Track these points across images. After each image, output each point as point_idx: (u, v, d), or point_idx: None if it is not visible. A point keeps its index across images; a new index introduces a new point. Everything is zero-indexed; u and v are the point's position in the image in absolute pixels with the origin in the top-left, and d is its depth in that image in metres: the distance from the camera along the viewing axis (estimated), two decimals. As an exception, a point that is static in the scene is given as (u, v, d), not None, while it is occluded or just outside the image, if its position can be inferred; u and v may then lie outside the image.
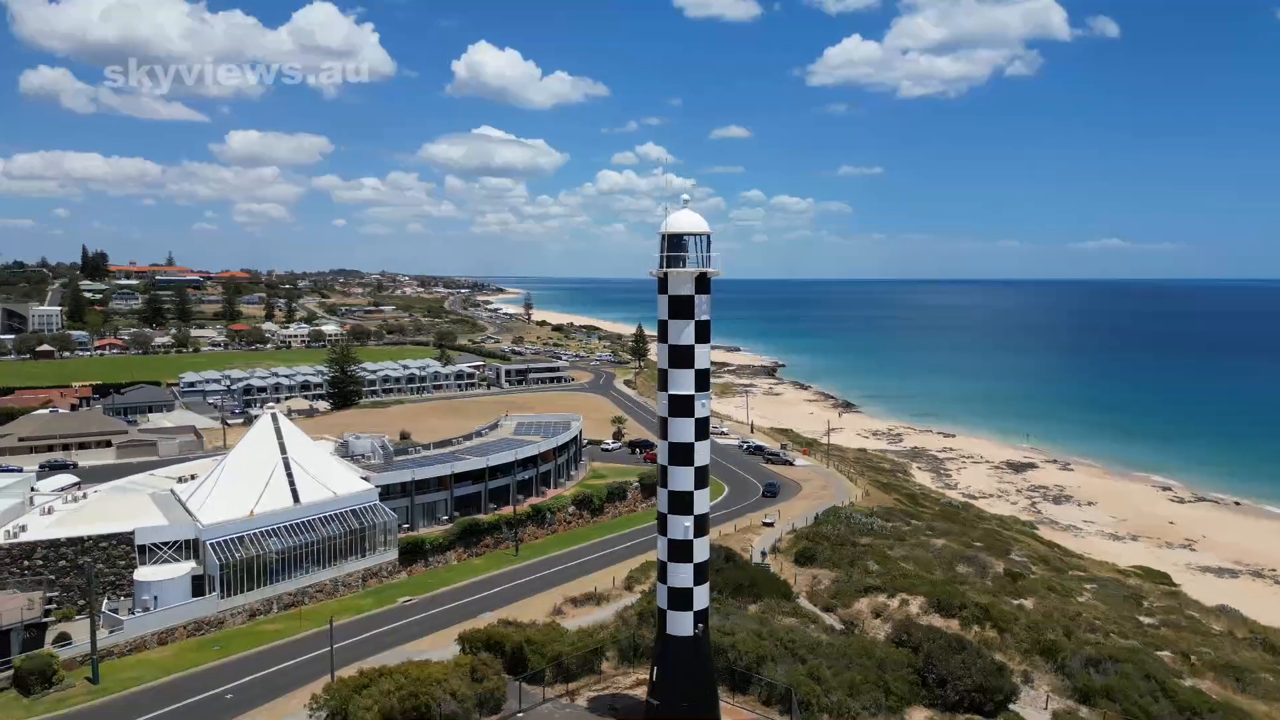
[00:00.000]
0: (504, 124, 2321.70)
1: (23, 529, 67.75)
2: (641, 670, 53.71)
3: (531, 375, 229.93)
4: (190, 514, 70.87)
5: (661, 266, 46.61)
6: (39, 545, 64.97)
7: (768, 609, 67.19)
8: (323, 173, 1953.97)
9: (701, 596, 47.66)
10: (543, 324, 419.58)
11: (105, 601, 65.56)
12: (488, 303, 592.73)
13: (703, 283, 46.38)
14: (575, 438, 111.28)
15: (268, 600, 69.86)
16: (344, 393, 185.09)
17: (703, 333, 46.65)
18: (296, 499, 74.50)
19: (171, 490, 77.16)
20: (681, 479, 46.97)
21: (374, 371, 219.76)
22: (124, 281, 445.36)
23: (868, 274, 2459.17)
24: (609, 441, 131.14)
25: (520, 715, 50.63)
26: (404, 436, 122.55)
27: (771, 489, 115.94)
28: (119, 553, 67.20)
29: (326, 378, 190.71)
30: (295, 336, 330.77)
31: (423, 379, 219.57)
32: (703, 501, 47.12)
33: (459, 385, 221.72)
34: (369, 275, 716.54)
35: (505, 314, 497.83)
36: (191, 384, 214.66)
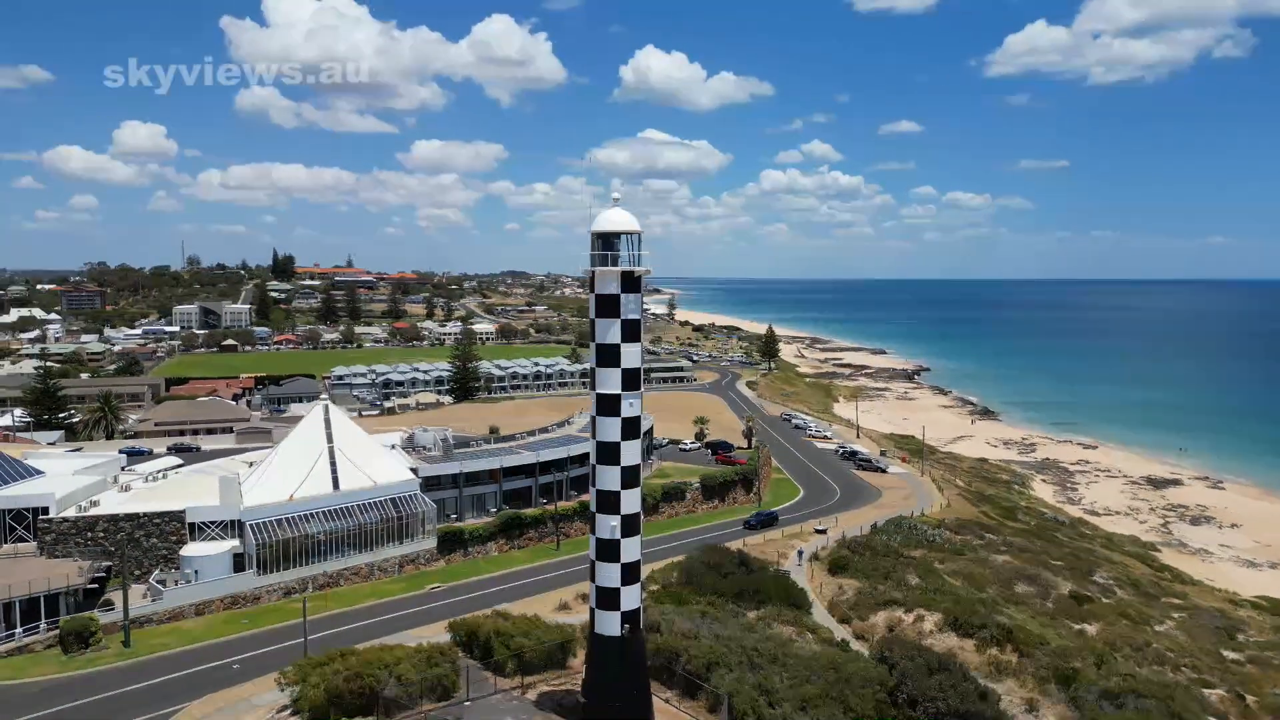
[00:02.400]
0: (669, 127, 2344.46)
1: (95, 504, 75.45)
2: None
3: (654, 374, 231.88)
4: (240, 496, 76.54)
5: (591, 265, 46.94)
6: (100, 519, 72.22)
7: (768, 616, 65.71)
8: (497, 178, 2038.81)
9: (630, 597, 47.63)
10: (685, 324, 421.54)
11: (156, 573, 71.87)
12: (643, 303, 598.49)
13: (630, 281, 46.42)
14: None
15: (303, 580, 74.56)
16: (464, 387, 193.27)
17: (630, 331, 46.68)
18: (336, 486, 79.08)
19: (237, 473, 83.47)
20: (608, 478, 47.22)
21: (505, 369, 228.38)
22: (307, 282, 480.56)
23: (1051, 274, 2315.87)
24: (687, 442, 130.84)
25: (468, 703, 52.17)
26: (492, 431, 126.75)
27: (763, 519, 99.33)
28: (171, 529, 73.60)
29: (449, 374, 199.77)
30: (449, 334, 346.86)
31: (549, 376, 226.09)
32: (631, 501, 47.05)
33: (582, 383, 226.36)
34: (535, 276, 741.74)
35: (652, 314, 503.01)
36: (341, 377, 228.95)
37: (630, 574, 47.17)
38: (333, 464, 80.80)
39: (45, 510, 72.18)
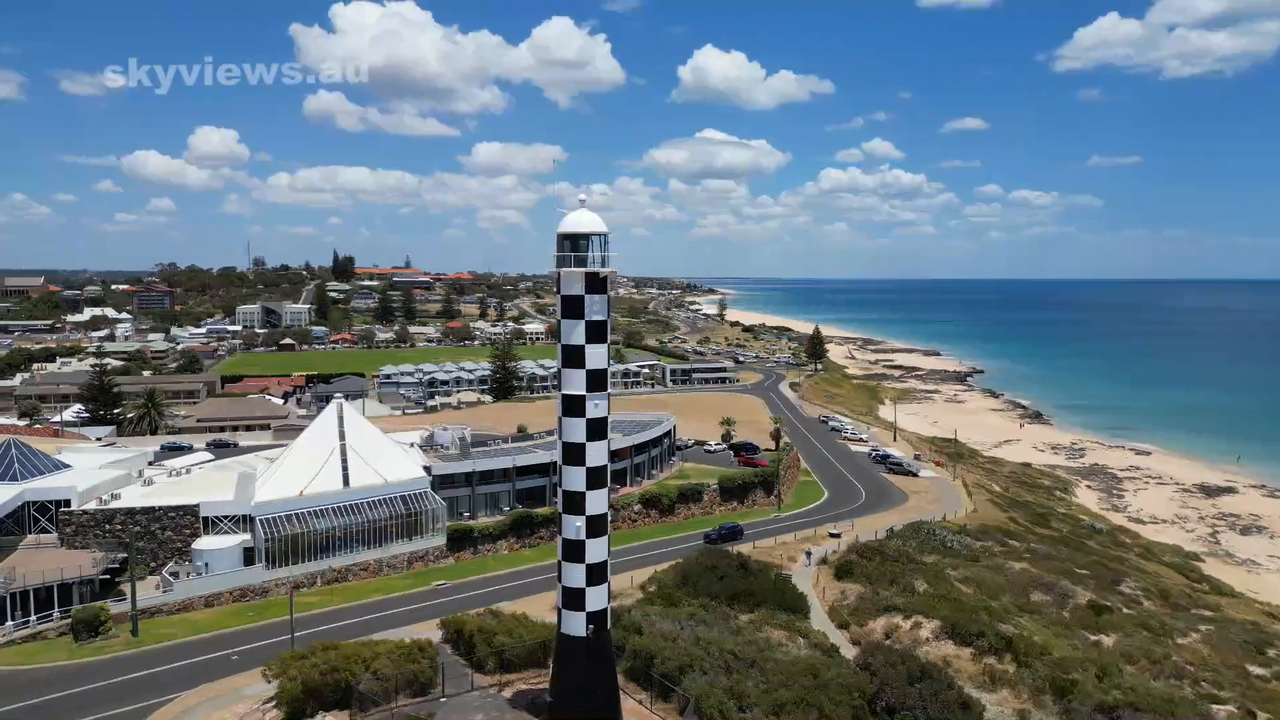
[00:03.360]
0: (727, 126, 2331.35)
1: (116, 497, 78.11)
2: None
3: (696, 375, 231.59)
4: (253, 492, 78.49)
5: (557, 267, 47.18)
6: (118, 512, 74.79)
7: (760, 620, 65.10)
8: (556, 180, 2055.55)
9: (596, 597, 47.69)
10: (735, 324, 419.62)
11: (170, 565, 74.15)
12: (694, 304, 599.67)
13: (595, 282, 46.51)
14: (659, 436, 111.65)
15: (312, 574, 76.22)
16: (504, 387, 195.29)
17: (595, 333, 46.86)
18: (346, 482, 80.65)
19: (255, 469, 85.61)
20: (574, 479, 47.47)
21: (549, 369, 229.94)
22: (366, 283, 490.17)
23: (1121, 273, 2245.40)
24: (713, 443, 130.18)
25: (443, 700, 52.86)
26: (520, 430, 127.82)
27: (725, 533, 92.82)
28: (185, 523, 75.86)
29: (490, 373, 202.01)
30: (500, 334, 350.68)
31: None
32: (597, 502, 47.12)
33: (624, 383, 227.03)
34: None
35: (703, 315, 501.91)
36: (388, 376, 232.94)
37: (595, 575, 47.22)
38: (344, 461, 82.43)
39: (67, 503, 74.96)
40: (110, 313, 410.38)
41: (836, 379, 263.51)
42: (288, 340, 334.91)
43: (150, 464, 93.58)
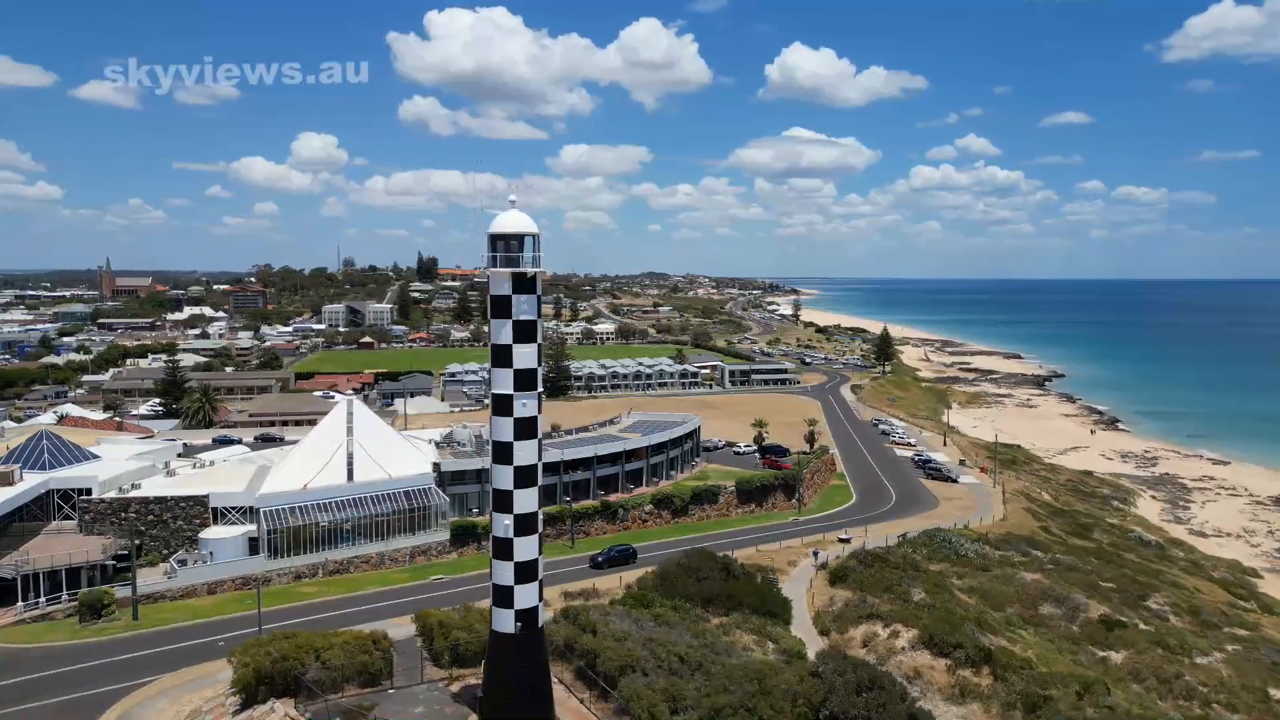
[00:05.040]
0: (814, 124, 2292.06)
1: (136, 487, 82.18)
2: (563, 663, 55.10)
3: (755, 376, 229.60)
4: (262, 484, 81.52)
5: (486, 267, 47.78)
6: (133, 501, 78.67)
7: (731, 624, 64.39)
8: (641, 181, 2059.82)
9: (525, 595, 48.07)
10: (808, 325, 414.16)
11: (180, 553, 77.62)
12: (773, 304, 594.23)
13: (522, 282, 46.93)
14: (680, 437, 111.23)
15: (313, 566, 78.73)
16: (555, 386, 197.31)
17: (523, 332, 47.28)
18: (350, 477, 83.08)
19: (272, 462, 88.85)
20: (502, 478, 47.96)
21: (608, 368, 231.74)
22: (448, 283, 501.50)
23: (1235, 273, 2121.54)
24: (742, 445, 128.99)
25: (390, 691, 54.08)
26: (554, 428, 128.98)
27: (615, 557, 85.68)
28: (195, 513, 79.32)
29: (543, 372, 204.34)
30: (570, 334, 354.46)
31: (648, 376, 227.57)
32: (525, 501, 47.53)
33: (682, 384, 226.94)
34: (672, 277, 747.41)
35: (779, 316, 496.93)
36: (453, 374, 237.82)
37: (524, 572, 47.52)
38: (349, 456, 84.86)
39: (88, 491, 79.21)
40: (208, 311, 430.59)
41: (904, 381, 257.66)
42: (367, 339, 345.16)
43: (179, 455, 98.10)
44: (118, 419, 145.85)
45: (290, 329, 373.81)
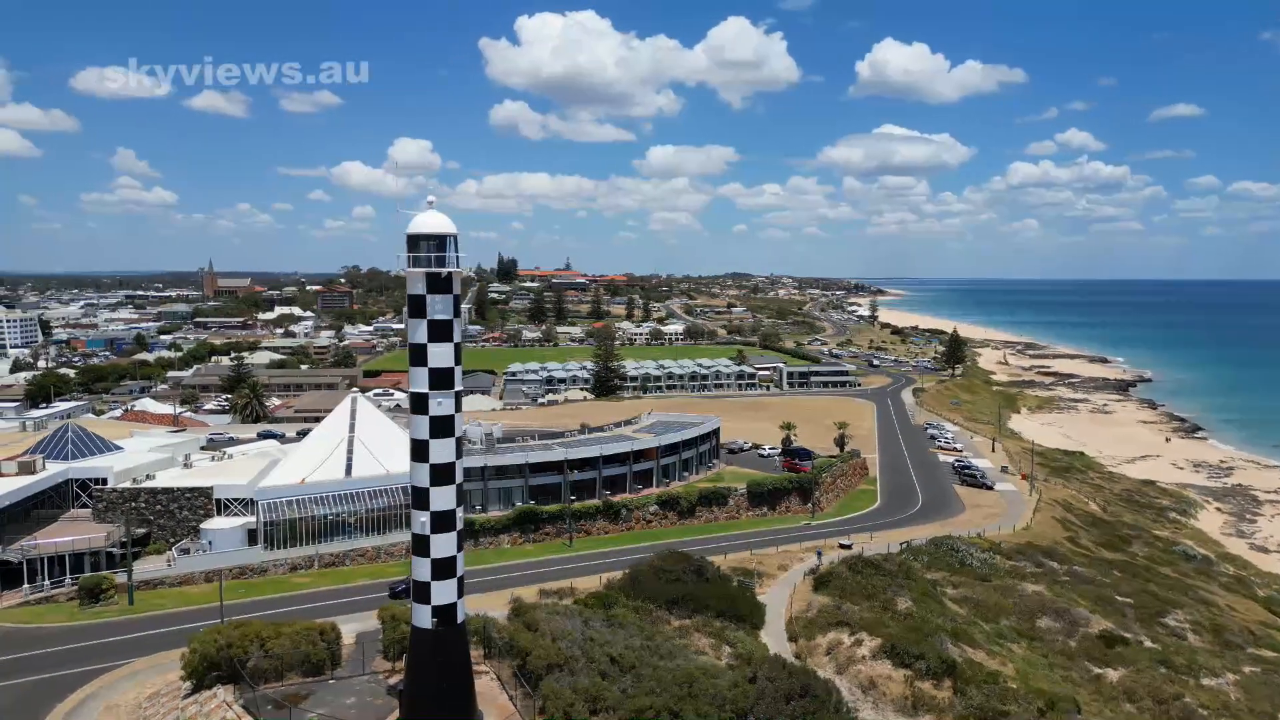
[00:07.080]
0: (906, 121, 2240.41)
1: (151, 477, 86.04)
2: (501, 660, 55.71)
3: (814, 378, 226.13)
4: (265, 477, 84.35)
5: (403, 267, 48.64)
6: (142, 491, 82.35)
7: (693, 627, 63.69)
8: (727, 181, 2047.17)
9: (442, 591, 48.68)
10: (885, 326, 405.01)
11: (183, 542, 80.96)
12: (854, 305, 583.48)
13: (436, 282, 47.60)
14: (696, 438, 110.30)
15: (308, 557, 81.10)
16: (604, 386, 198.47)
17: (438, 332, 48.00)
18: (349, 472, 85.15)
19: (280, 456, 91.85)
20: (419, 475, 48.75)
21: (664, 369, 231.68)
22: (526, 284, 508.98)
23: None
24: (767, 447, 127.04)
25: (331, 681, 55.52)
26: (582, 427, 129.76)
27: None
28: (200, 504, 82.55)
29: (593, 372, 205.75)
30: (640, 335, 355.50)
31: (704, 377, 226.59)
32: (441, 498, 48.20)
33: (738, 385, 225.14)
34: (755, 278, 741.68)
35: (857, 317, 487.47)
36: (514, 373, 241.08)
37: (441, 569, 48.14)
38: (349, 452, 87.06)
39: (104, 481, 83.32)
40: (297, 311, 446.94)
41: (974, 385, 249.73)
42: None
43: (203, 448, 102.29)
44: (180, 413, 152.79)
45: (371, 328, 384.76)
